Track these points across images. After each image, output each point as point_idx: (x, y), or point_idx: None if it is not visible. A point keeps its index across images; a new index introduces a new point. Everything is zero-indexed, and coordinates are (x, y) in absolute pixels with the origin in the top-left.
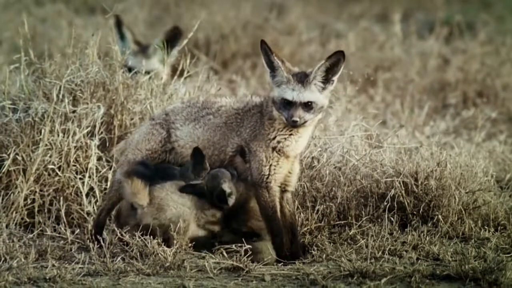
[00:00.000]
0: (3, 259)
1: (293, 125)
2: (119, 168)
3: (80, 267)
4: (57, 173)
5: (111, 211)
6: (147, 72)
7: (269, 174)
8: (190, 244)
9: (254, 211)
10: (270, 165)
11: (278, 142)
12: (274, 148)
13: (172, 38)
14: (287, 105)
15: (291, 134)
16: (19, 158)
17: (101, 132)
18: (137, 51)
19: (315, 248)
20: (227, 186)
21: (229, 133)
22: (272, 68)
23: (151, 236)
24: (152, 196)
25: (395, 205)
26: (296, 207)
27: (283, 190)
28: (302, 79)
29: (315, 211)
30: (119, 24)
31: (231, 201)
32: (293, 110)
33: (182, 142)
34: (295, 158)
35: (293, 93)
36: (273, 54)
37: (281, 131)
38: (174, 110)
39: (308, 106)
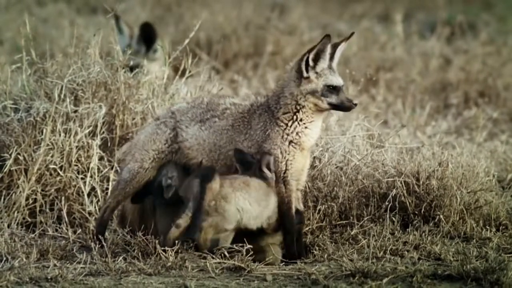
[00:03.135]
0: (4, 259)
1: (351, 108)
2: (124, 168)
3: (81, 267)
4: (58, 173)
5: (115, 211)
6: None
7: (286, 169)
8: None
9: None
10: (287, 160)
11: (297, 133)
12: (290, 142)
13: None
14: (333, 90)
15: (312, 121)
16: (21, 157)
17: (103, 132)
18: None
19: (317, 248)
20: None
21: (236, 137)
22: (318, 59)
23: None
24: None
25: (397, 205)
26: None
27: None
28: (330, 65)
29: (317, 211)
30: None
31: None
32: (343, 94)
33: (188, 143)
34: (308, 152)
35: (337, 79)
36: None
37: (302, 121)
38: (180, 110)
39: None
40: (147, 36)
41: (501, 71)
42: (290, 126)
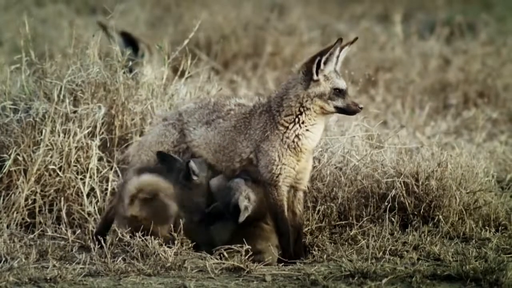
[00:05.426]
0: (4, 259)
1: (356, 112)
2: (131, 169)
3: (81, 268)
4: (58, 174)
5: None
6: None
7: (279, 174)
8: (190, 245)
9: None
10: (283, 164)
11: (298, 135)
12: (289, 146)
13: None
14: (340, 93)
15: (314, 124)
16: (20, 158)
17: (102, 133)
18: None
19: (316, 249)
20: (243, 200)
21: (237, 137)
22: (327, 62)
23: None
24: None
25: (396, 205)
26: None
27: (296, 189)
28: (335, 68)
29: (316, 212)
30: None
31: (243, 216)
32: (349, 98)
33: (196, 143)
34: (310, 154)
35: (342, 82)
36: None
37: (304, 124)
38: (187, 111)
39: None
40: (130, 43)
41: (500, 72)
42: (291, 129)
